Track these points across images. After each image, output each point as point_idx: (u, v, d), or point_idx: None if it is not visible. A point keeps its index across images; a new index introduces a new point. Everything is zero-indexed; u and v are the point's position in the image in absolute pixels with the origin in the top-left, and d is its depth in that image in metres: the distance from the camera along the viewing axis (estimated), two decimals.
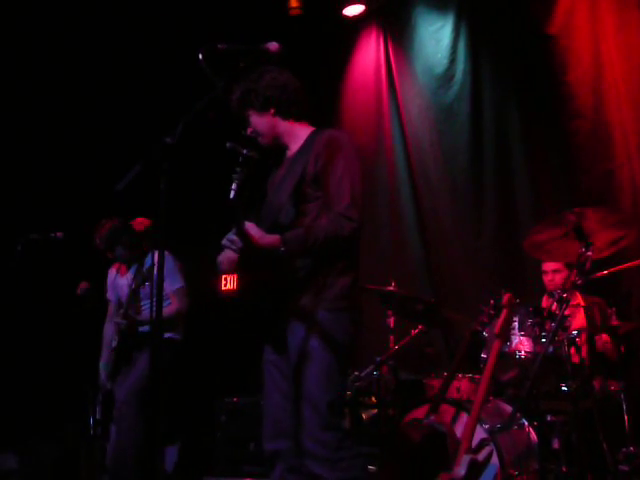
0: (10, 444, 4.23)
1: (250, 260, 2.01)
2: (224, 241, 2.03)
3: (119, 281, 3.65)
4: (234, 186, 1.96)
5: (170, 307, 3.42)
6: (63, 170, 4.76)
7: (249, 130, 2.27)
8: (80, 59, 4.70)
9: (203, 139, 3.74)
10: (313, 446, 1.99)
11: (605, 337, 3.24)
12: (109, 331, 3.64)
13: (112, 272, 3.74)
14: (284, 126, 2.24)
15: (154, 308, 1.82)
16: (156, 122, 3.03)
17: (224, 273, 2.10)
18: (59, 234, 3.56)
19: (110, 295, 3.74)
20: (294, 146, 2.25)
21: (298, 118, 2.26)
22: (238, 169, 1.98)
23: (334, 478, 1.97)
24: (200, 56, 1.94)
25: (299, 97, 2.26)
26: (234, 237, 1.97)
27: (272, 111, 2.22)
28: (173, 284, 3.43)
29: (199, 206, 5.04)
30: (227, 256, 2.10)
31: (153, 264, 3.12)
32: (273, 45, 2.06)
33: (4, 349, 4.32)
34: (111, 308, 3.72)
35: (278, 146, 2.28)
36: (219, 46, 1.99)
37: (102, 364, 3.62)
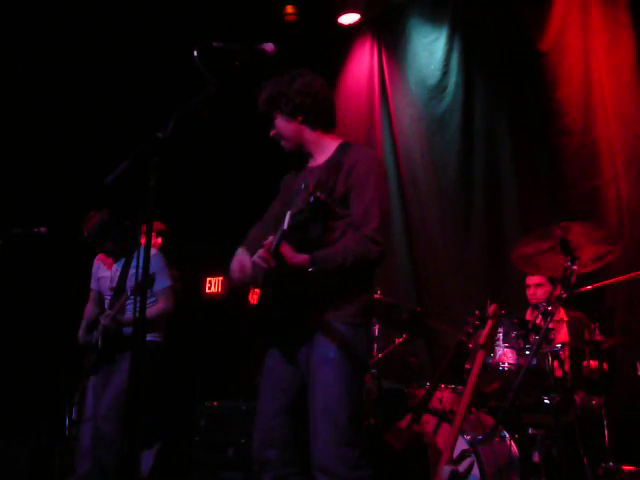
0: None
1: (276, 275, 2.00)
2: (255, 258, 1.98)
3: (103, 273, 3.59)
4: (288, 218, 1.93)
5: (157, 306, 3.36)
6: (49, 163, 4.71)
7: (272, 132, 2.21)
8: (70, 52, 4.66)
9: (195, 136, 3.71)
10: (329, 462, 1.93)
11: (593, 363, 3.24)
12: (89, 310, 3.61)
13: (97, 262, 3.68)
14: (311, 136, 2.19)
15: (140, 308, 1.76)
16: (148, 117, 3.00)
17: (235, 281, 2.10)
18: (43, 229, 3.50)
19: (93, 285, 3.68)
20: (320, 157, 2.20)
21: (326, 129, 2.21)
22: (305, 208, 1.98)
23: None
24: (195, 53, 1.93)
25: (329, 106, 2.21)
26: (266, 255, 1.93)
27: (300, 119, 2.16)
28: (162, 283, 3.37)
29: (187, 204, 5.01)
30: (241, 266, 2.09)
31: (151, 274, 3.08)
32: (269, 46, 2.06)
33: None
34: (92, 295, 3.67)
35: (301, 152, 2.23)
36: (214, 44, 1.98)
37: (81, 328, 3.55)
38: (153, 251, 3.41)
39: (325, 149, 2.19)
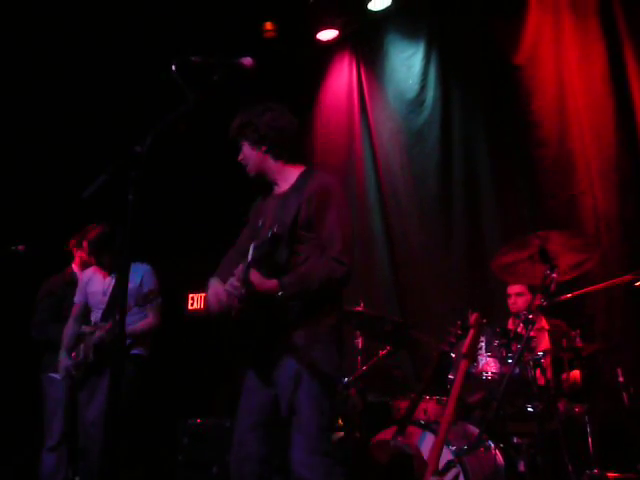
0: None
1: (249, 301, 2.13)
2: (227, 287, 2.14)
3: (93, 287, 3.50)
4: (252, 251, 2.20)
5: (147, 320, 3.35)
6: (27, 180, 4.66)
7: (240, 157, 2.36)
8: (46, 66, 4.64)
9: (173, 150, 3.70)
10: (302, 470, 2.05)
11: (574, 371, 3.25)
12: (69, 330, 3.46)
13: (86, 275, 3.58)
14: (273, 165, 2.34)
15: (129, 320, 1.75)
16: (124, 132, 3.00)
17: (213, 311, 2.22)
18: (21, 247, 3.45)
19: (78, 297, 3.56)
20: (283, 184, 2.35)
21: (288, 160, 2.35)
22: (265, 241, 2.17)
23: None
24: (173, 67, 1.94)
25: (293, 141, 2.36)
26: (237, 284, 2.10)
27: (264, 149, 2.31)
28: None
29: (167, 218, 4.98)
30: (216, 297, 2.19)
31: (154, 289, 3.11)
32: (247, 60, 2.08)
33: None
34: (76, 309, 3.53)
35: (263, 179, 2.38)
36: (193, 59, 1.99)
37: (62, 353, 3.42)
38: (145, 266, 3.42)
39: (287, 177, 2.34)
